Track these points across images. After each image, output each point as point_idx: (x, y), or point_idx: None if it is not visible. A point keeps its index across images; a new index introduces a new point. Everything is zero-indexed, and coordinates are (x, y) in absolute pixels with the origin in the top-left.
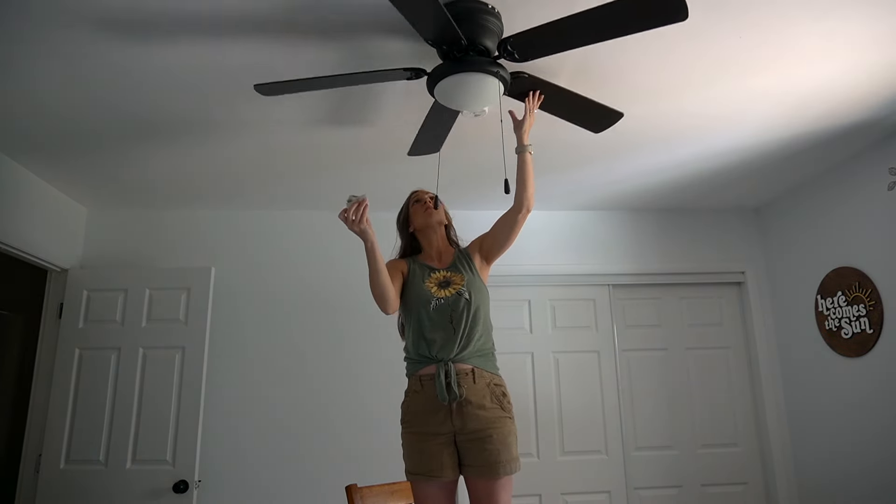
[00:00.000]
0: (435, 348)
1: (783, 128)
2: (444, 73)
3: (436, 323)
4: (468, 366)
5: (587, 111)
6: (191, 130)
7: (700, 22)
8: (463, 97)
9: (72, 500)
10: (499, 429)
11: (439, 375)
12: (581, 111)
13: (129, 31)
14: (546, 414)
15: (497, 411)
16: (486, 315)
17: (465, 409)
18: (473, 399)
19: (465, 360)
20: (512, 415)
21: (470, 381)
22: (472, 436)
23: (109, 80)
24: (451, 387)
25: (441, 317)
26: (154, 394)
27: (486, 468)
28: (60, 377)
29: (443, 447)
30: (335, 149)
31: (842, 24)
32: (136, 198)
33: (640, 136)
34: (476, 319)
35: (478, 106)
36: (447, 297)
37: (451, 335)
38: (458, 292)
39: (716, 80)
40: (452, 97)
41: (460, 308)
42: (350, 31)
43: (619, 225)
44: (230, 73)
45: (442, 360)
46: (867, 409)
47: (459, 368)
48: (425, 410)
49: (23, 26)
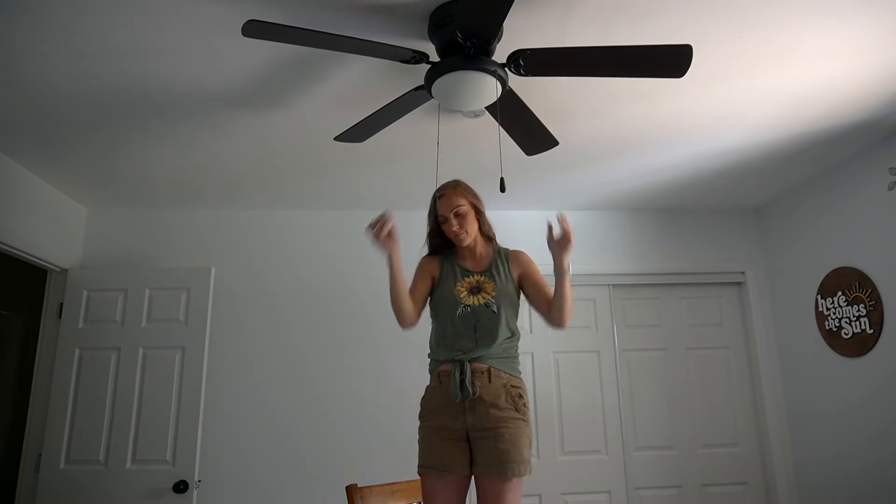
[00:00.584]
0: (454, 352)
1: (783, 128)
2: (450, 66)
3: (458, 330)
4: (485, 365)
5: (531, 132)
6: (190, 125)
7: (701, 23)
8: (463, 95)
9: (71, 499)
10: (511, 429)
11: (454, 373)
12: (525, 130)
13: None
14: (546, 414)
15: (510, 412)
16: (513, 324)
17: (478, 407)
18: (487, 398)
19: (483, 360)
20: (527, 418)
21: (485, 379)
22: (483, 433)
23: (106, 63)
24: (465, 385)
25: (465, 325)
26: (154, 394)
27: (494, 467)
28: (60, 377)
29: (455, 443)
30: (334, 148)
31: (842, 24)
32: (136, 197)
33: (641, 135)
34: (500, 330)
35: (474, 105)
36: (475, 305)
37: (473, 343)
38: (486, 303)
39: (716, 81)
40: (452, 94)
41: (485, 318)
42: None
43: (618, 225)
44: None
45: (459, 361)
46: (867, 408)
47: (476, 367)
48: (441, 406)
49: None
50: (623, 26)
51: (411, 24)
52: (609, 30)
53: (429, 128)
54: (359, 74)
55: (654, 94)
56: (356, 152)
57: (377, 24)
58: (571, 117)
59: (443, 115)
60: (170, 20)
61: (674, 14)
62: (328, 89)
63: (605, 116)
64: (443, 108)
